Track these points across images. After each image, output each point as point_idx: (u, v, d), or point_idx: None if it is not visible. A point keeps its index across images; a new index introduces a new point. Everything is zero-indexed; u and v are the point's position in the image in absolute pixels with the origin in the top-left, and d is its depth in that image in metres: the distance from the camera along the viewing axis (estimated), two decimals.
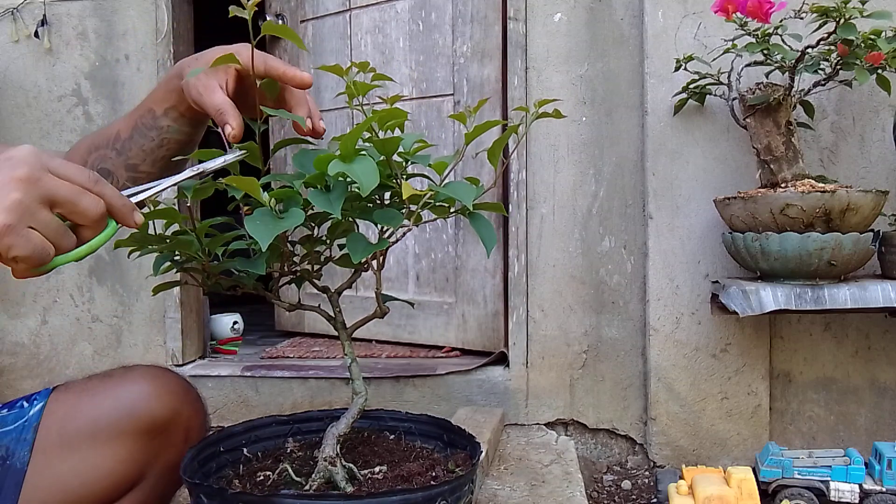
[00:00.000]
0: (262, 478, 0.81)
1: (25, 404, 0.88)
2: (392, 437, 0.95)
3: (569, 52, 1.65)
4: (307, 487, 0.76)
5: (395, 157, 0.74)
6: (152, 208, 0.70)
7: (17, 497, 0.83)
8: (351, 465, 0.80)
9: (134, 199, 0.65)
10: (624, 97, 1.62)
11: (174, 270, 0.78)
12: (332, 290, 0.84)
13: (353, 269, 0.84)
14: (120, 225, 0.62)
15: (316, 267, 0.85)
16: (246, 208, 0.72)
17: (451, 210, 0.76)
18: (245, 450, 0.89)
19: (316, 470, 0.77)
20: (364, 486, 0.78)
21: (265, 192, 0.68)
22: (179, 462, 0.90)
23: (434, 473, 0.79)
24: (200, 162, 0.73)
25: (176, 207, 0.72)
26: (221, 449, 0.87)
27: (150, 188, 0.68)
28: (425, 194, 0.72)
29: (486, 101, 0.84)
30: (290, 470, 0.79)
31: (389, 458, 0.87)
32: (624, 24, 1.62)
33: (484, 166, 1.76)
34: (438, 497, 0.70)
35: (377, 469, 0.81)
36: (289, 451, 0.89)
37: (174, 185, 0.70)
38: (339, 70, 0.75)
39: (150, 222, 0.71)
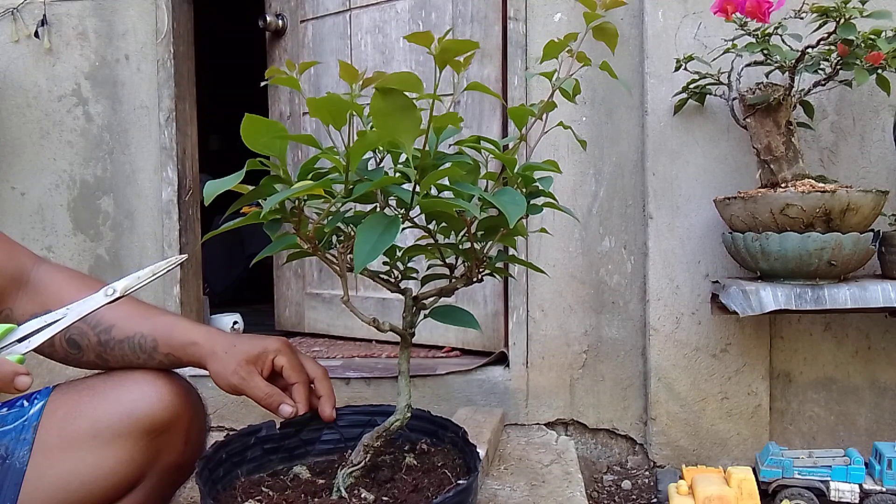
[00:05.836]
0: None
1: (25, 403, 0.88)
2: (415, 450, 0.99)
3: None
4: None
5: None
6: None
7: (17, 497, 0.83)
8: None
9: (38, 338, 0.73)
10: (624, 97, 1.62)
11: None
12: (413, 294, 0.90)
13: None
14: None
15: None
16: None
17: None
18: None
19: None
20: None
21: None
22: (179, 463, 0.90)
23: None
24: None
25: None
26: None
27: (55, 321, 0.75)
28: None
29: (473, 54, 0.80)
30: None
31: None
32: (624, 24, 1.62)
33: None
34: None
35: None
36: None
37: (89, 313, 0.76)
38: (350, 72, 0.73)
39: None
